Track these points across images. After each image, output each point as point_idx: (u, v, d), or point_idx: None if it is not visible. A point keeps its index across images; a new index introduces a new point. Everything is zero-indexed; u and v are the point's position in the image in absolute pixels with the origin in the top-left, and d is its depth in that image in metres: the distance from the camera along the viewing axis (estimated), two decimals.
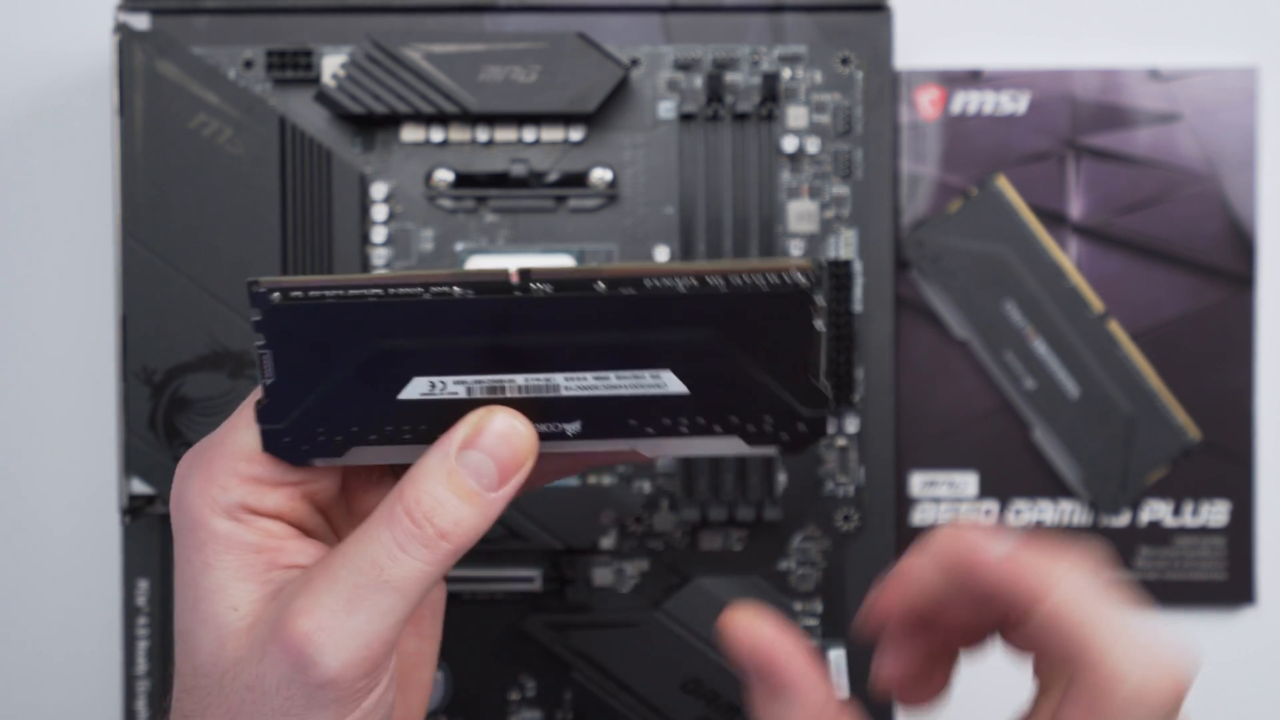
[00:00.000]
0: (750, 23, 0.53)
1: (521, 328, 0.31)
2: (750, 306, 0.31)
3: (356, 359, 0.31)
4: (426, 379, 0.32)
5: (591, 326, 0.31)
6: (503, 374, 0.32)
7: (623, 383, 0.32)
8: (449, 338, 0.31)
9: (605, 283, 0.30)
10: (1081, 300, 0.56)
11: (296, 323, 0.30)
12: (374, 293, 0.30)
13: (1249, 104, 0.56)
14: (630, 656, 0.52)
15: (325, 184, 0.51)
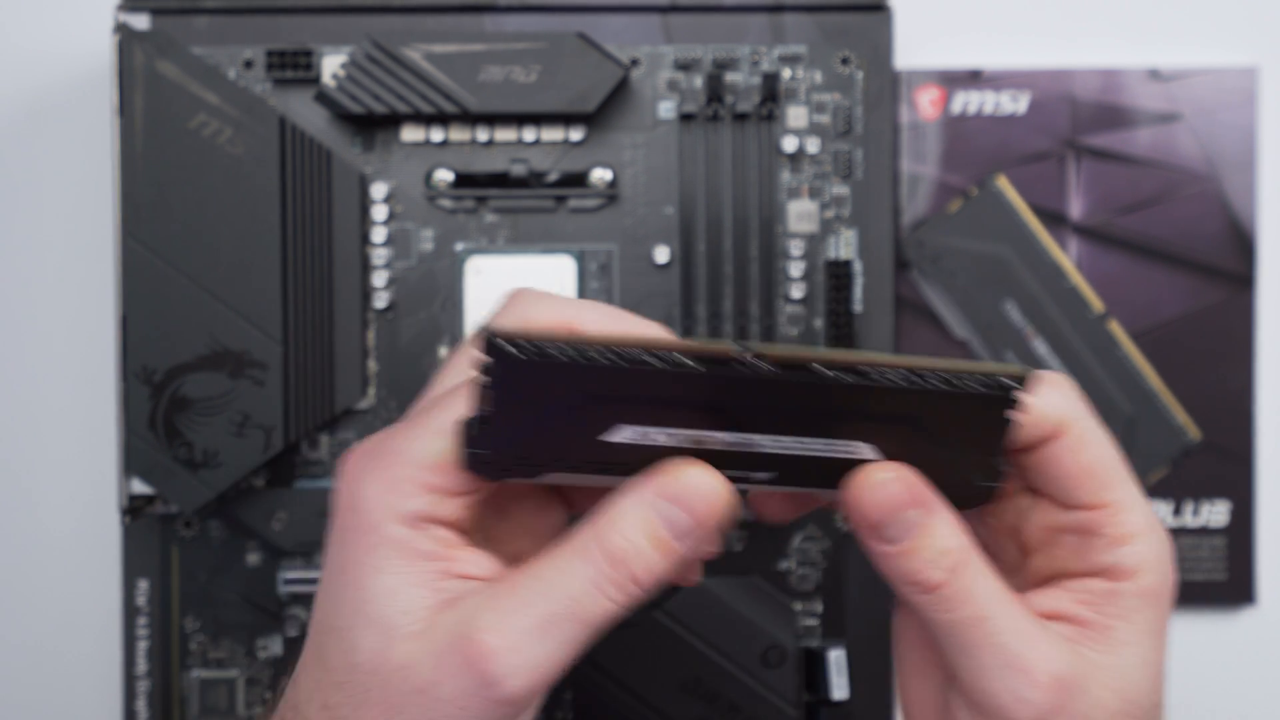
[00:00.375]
0: (750, 23, 0.53)
1: (737, 396, 0.33)
2: (959, 402, 0.33)
3: (573, 405, 0.33)
4: (634, 428, 0.34)
5: (803, 401, 0.33)
6: (708, 430, 0.34)
7: (819, 447, 0.34)
8: (667, 399, 0.33)
9: (828, 368, 0.33)
10: (1081, 300, 0.56)
11: (525, 372, 0.32)
12: (606, 357, 0.32)
13: (1249, 104, 0.56)
14: (630, 656, 0.52)
15: (325, 184, 0.51)
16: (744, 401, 0.33)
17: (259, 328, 0.50)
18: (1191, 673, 0.57)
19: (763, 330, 0.52)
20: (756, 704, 0.51)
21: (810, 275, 0.53)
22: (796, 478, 0.35)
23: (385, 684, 0.35)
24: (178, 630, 0.52)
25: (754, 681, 0.51)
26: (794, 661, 0.52)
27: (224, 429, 0.50)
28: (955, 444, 0.35)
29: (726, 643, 0.52)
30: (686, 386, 0.33)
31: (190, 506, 0.50)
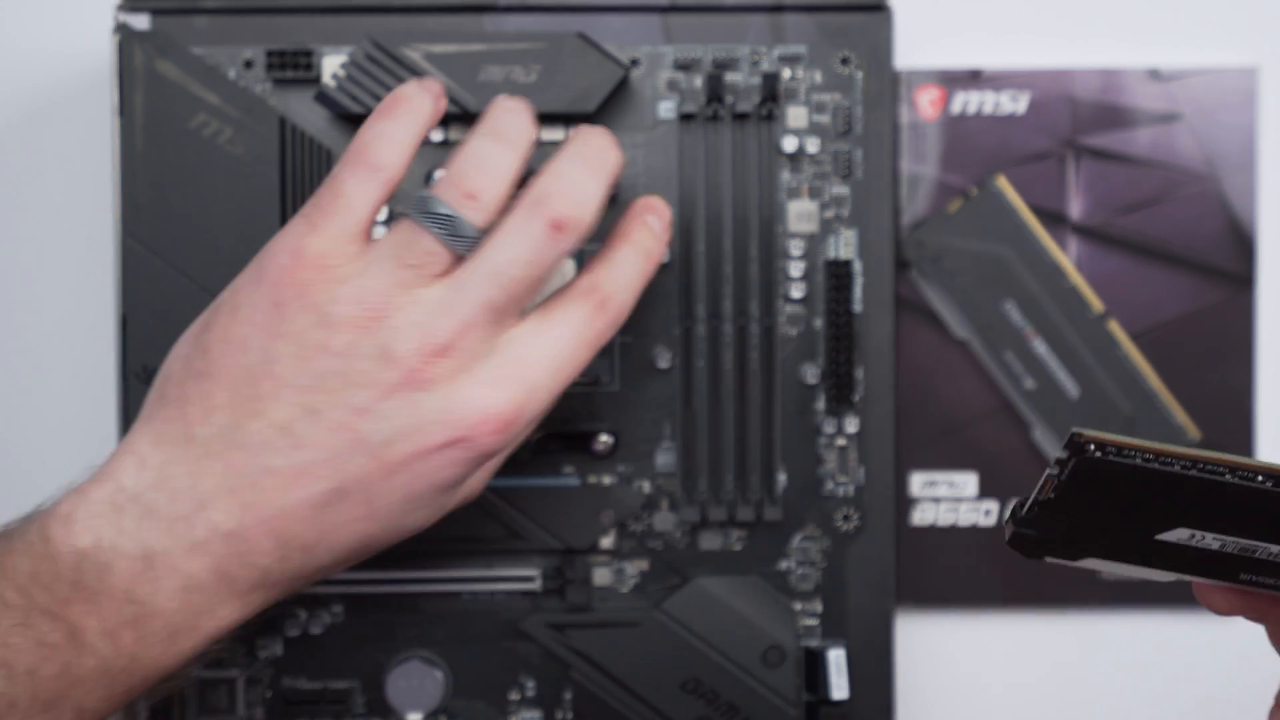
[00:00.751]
0: (750, 23, 0.53)
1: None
2: None
3: (1136, 504, 0.35)
4: (1190, 530, 0.35)
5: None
6: (1260, 540, 0.35)
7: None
8: (1229, 509, 0.35)
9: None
10: (1081, 300, 0.56)
11: (1100, 471, 0.34)
12: (1182, 467, 0.34)
13: (1249, 104, 0.56)
14: (630, 656, 0.52)
15: None
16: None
17: None
18: (1191, 673, 0.57)
19: (762, 330, 0.52)
20: (756, 704, 0.51)
21: (810, 275, 0.53)
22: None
23: None
24: None
25: (754, 681, 0.51)
26: (794, 661, 0.52)
27: None
28: None
29: (726, 643, 0.52)
30: (1256, 501, 0.34)
31: None
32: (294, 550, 0.42)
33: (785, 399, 0.52)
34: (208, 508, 0.41)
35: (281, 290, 0.42)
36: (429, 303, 0.42)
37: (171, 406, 0.42)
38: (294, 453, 0.41)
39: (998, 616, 0.58)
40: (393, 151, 0.43)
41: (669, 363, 0.52)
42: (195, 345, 0.43)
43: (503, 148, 0.44)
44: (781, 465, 0.52)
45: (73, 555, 0.40)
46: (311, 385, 0.42)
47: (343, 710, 0.52)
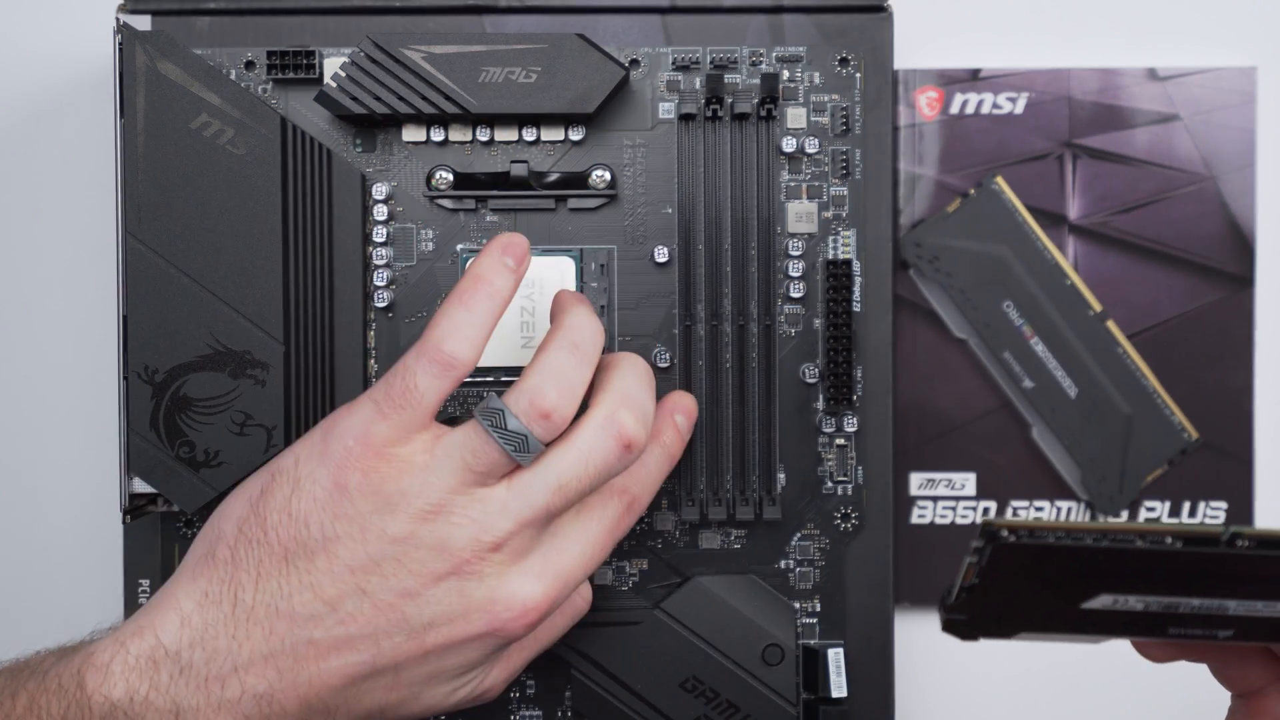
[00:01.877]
0: (750, 23, 0.53)
1: (1214, 569, 0.36)
2: None
3: (1057, 579, 0.37)
4: (1112, 596, 0.37)
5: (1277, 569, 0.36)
6: (1180, 596, 0.37)
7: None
8: (1147, 573, 0.37)
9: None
10: (1080, 300, 0.57)
11: (1017, 554, 0.36)
12: (1093, 540, 0.36)
13: (1247, 104, 0.57)
14: (630, 655, 0.52)
15: (326, 184, 0.51)
16: (1221, 570, 0.36)
17: (260, 327, 0.50)
18: (1191, 672, 0.57)
19: (762, 330, 0.52)
20: (755, 702, 0.51)
21: (809, 275, 0.53)
22: (1255, 633, 0.38)
23: None
24: None
25: (753, 680, 0.51)
26: (793, 660, 0.52)
27: (225, 428, 0.50)
28: None
29: (726, 641, 0.52)
30: (1171, 562, 0.36)
31: (192, 506, 0.50)
32: (315, 713, 0.44)
33: (784, 398, 0.53)
34: (243, 671, 0.43)
35: (346, 473, 0.44)
36: (489, 502, 0.44)
37: (221, 568, 0.44)
38: (338, 627, 0.43)
39: None
40: (467, 347, 0.44)
41: (669, 362, 0.52)
42: (251, 510, 0.45)
43: (578, 360, 0.45)
44: (780, 465, 0.53)
45: (105, 704, 0.42)
46: (365, 567, 0.43)
47: None
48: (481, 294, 0.45)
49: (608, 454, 0.44)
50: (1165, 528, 0.36)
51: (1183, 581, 0.37)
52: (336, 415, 0.45)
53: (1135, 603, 0.38)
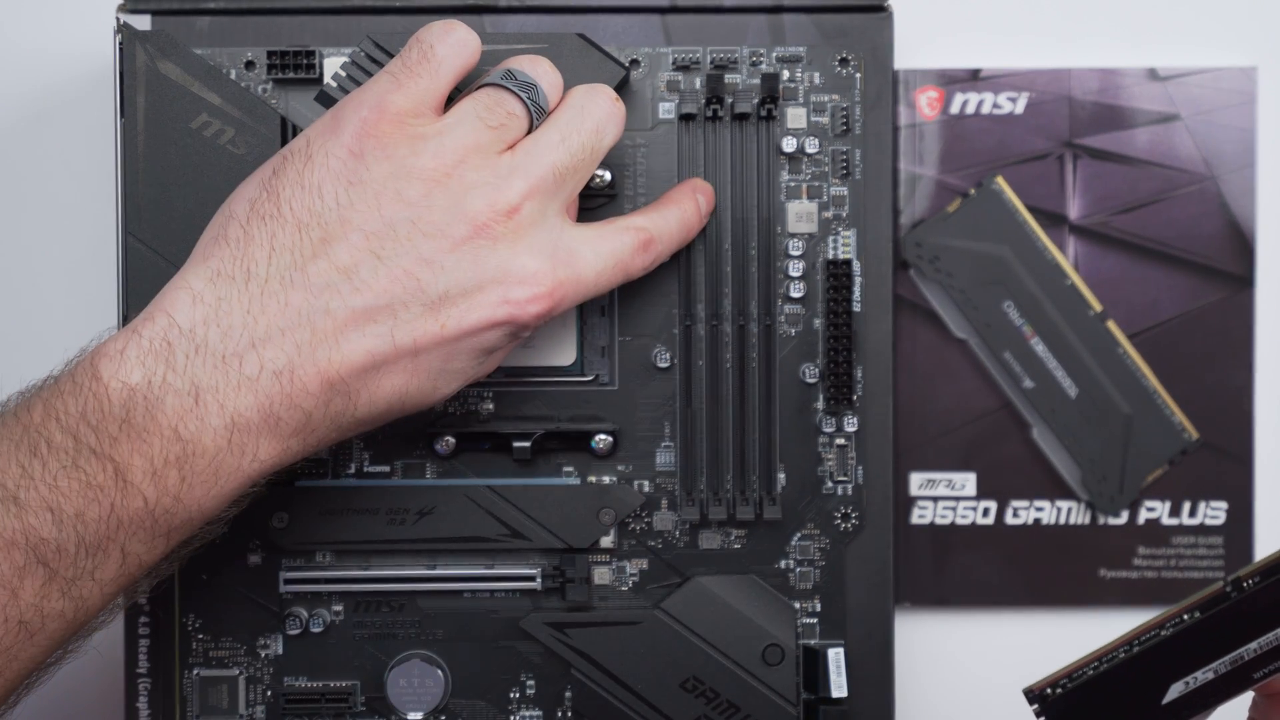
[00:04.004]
0: (750, 23, 0.53)
1: (1245, 613, 0.39)
2: None
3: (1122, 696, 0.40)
4: (1181, 682, 0.40)
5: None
6: (1236, 649, 0.39)
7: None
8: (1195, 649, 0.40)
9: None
10: (1080, 300, 0.57)
11: (1070, 702, 0.40)
12: (1125, 653, 0.40)
13: (1247, 104, 0.57)
14: (630, 655, 0.52)
15: None
16: (1253, 611, 0.39)
17: None
18: None
19: (762, 330, 0.52)
20: (756, 702, 0.51)
21: (809, 275, 0.53)
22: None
23: None
24: (179, 629, 0.52)
25: (753, 680, 0.51)
26: (793, 660, 0.52)
27: None
28: None
29: (726, 641, 0.52)
30: (1202, 632, 0.39)
31: None
32: (338, 396, 0.42)
33: (784, 398, 0.53)
34: (260, 345, 0.41)
35: (362, 141, 0.43)
36: (501, 163, 0.44)
37: (233, 245, 0.43)
38: (354, 295, 0.42)
39: (997, 615, 0.58)
40: (475, 37, 0.46)
41: (669, 362, 0.52)
42: (263, 189, 0.44)
43: (554, 73, 0.47)
44: (781, 464, 0.53)
45: (123, 392, 0.40)
46: (381, 232, 0.43)
47: (343, 709, 0.52)
48: None
49: (601, 105, 0.46)
50: (1178, 608, 0.39)
51: (1229, 637, 0.39)
52: (350, 95, 0.45)
53: (1206, 674, 0.40)
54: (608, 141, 0.47)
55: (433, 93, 0.45)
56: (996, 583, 0.57)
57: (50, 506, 0.39)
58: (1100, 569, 0.57)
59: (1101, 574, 0.57)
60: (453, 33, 0.45)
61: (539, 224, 0.44)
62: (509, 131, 0.45)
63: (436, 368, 0.44)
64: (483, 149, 0.44)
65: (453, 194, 0.43)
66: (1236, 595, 0.39)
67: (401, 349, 0.43)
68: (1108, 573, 0.57)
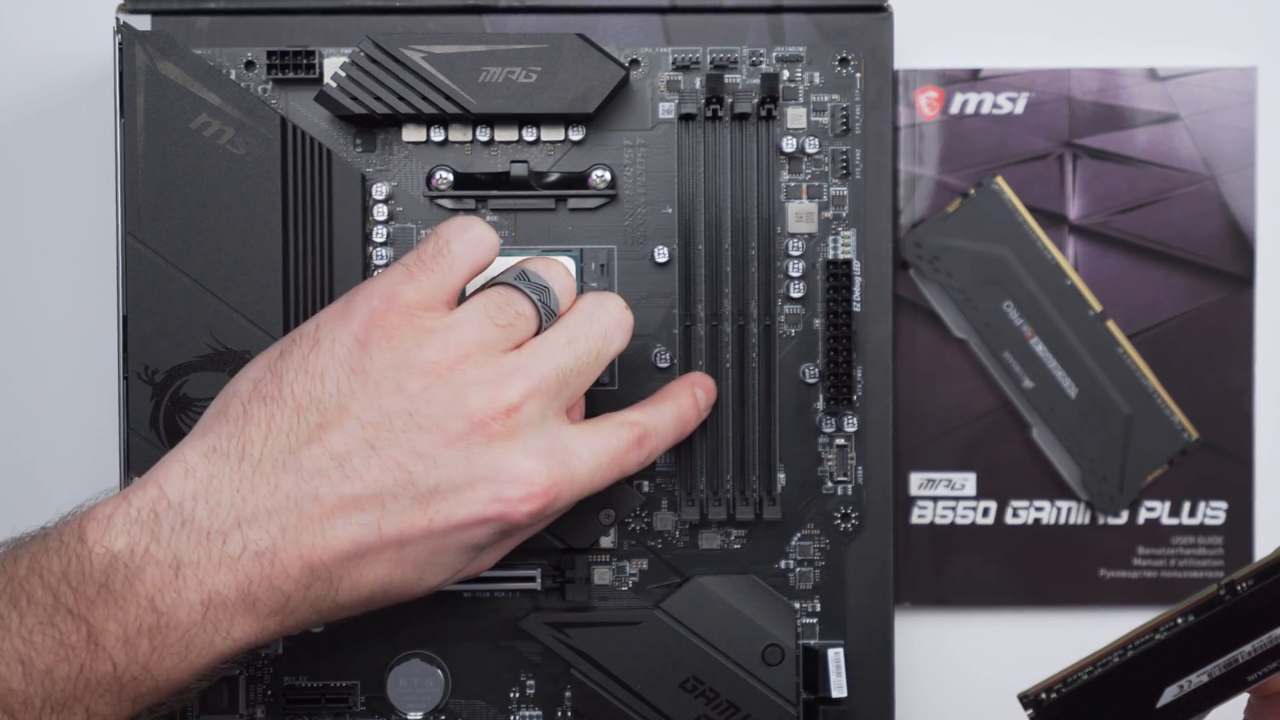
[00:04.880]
0: (750, 24, 0.53)
1: (1239, 616, 0.39)
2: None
3: (1116, 699, 0.41)
4: (1175, 685, 0.40)
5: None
6: (1230, 651, 0.40)
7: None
8: (1189, 653, 0.40)
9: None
10: (1080, 300, 0.57)
11: (1065, 706, 0.41)
12: (1120, 657, 0.40)
13: (1247, 104, 0.57)
14: (630, 655, 0.52)
15: (326, 184, 0.51)
16: (1247, 613, 0.39)
17: (260, 327, 0.50)
18: None
19: (762, 330, 0.52)
20: (756, 702, 0.51)
21: (809, 275, 0.53)
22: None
23: None
24: None
25: (753, 680, 0.51)
26: (793, 660, 0.52)
27: None
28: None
29: (726, 641, 0.52)
30: (1196, 636, 0.39)
31: None
32: (319, 581, 0.42)
33: (784, 398, 0.53)
34: (245, 525, 0.41)
35: (369, 330, 0.43)
36: (506, 363, 0.44)
37: (232, 423, 0.43)
38: (344, 483, 0.42)
39: (997, 615, 0.58)
40: (493, 236, 0.46)
41: (669, 362, 0.52)
42: (268, 370, 0.44)
43: (568, 278, 0.48)
44: (780, 464, 0.53)
45: (105, 557, 0.40)
46: (377, 421, 0.43)
47: (343, 709, 0.52)
48: None
49: (608, 314, 0.46)
50: (1172, 612, 0.39)
51: (1223, 640, 0.39)
52: (363, 283, 0.45)
53: (1200, 677, 0.40)
54: (614, 348, 0.47)
55: (445, 288, 0.45)
56: (996, 583, 0.57)
57: (22, 659, 0.40)
58: (1100, 569, 0.57)
59: (1101, 574, 0.57)
60: (470, 230, 0.45)
61: (537, 424, 0.44)
62: (516, 331, 0.45)
63: (423, 560, 0.43)
64: (488, 346, 0.44)
65: (452, 389, 0.43)
66: (1231, 599, 0.39)
67: (387, 539, 0.42)
68: (1107, 573, 0.57)
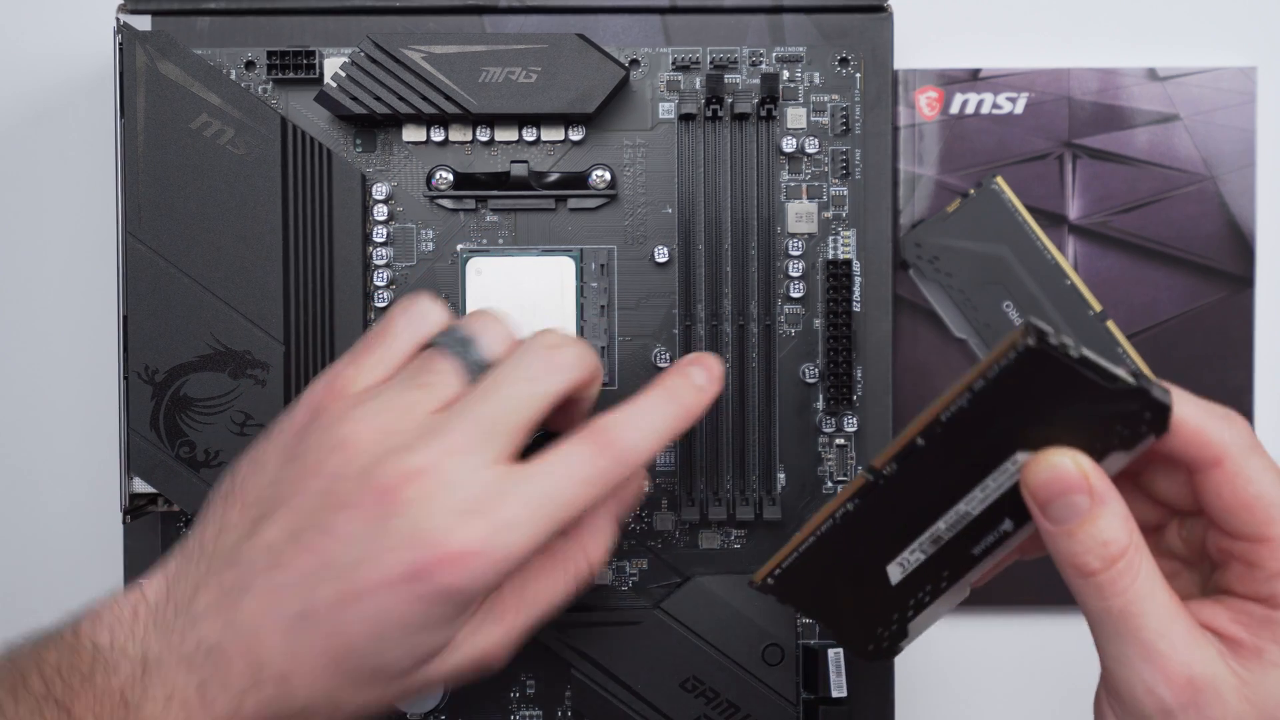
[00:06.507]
0: (750, 24, 0.53)
1: (911, 493, 0.40)
2: (1017, 384, 0.38)
3: (847, 577, 0.42)
4: (894, 561, 0.42)
5: (950, 458, 0.39)
6: (927, 526, 0.41)
7: (1002, 479, 0.39)
8: (882, 530, 0.41)
9: (923, 437, 0.39)
10: (1080, 300, 0.57)
11: (792, 577, 0.43)
12: (816, 535, 0.42)
13: (1247, 104, 0.57)
14: (630, 655, 0.52)
15: (326, 184, 0.51)
16: (914, 491, 0.40)
17: (260, 327, 0.50)
18: None
19: (762, 330, 0.52)
20: (756, 702, 0.51)
21: (809, 275, 0.53)
22: (1019, 512, 0.40)
23: None
24: None
25: (753, 680, 0.52)
26: (793, 660, 0.52)
27: (225, 428, 0.50)
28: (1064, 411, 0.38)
29: (726, 641, 0.52)
30: (876, 515, 0.41)
31: (192, 506, 0.50)
32: (267, 679, 0.41)
33: (784, 398, 0.53)
34: (199, 622, 0.42)
35: (306, 414, 0.43)
36: (427, 424, 0.42)
37: (201, 523, 0.43)
38: (272, 573, 0.41)
39: (997, 616, 0.58)
40: (437, 310, 0.45)
41: (669, 362, 0.52)
42: (231, 470, 0.44)
43: (500, 327, 0.45)
44: (780, 465, 0.53)
45: (90, 651, 0.41)
46: (301, 506, 0.42)
47: None
48: None
49: (534, 359, 0.43)
50: (839, 499, 0.41)
51: (910, 517, 0.41)
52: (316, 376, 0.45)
53: (916, 554, 0.41)
54: (548, 388, 0.43)
55: (385, 363, 0.44)
56: (997, 583, 0.57)
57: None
58: None
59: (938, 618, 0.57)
60: (414, 306, 0.45)
61: (461, 480, 0.41)
62: (439, 389, 0.43)
63: (367, 643, 0.41)
64: (411, 409, 0.42)
65: (365, 461, 0.41)
66: (885, 483, 0.40)
67: (317, 621, 0.41)
68: None
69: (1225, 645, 0.39)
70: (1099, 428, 0.38)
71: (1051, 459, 0.38)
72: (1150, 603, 0.38)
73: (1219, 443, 0.39)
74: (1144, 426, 0.38)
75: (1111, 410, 0.38)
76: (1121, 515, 0.38)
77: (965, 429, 0.39)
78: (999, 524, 0.40)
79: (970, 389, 0.38)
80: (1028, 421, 0.38)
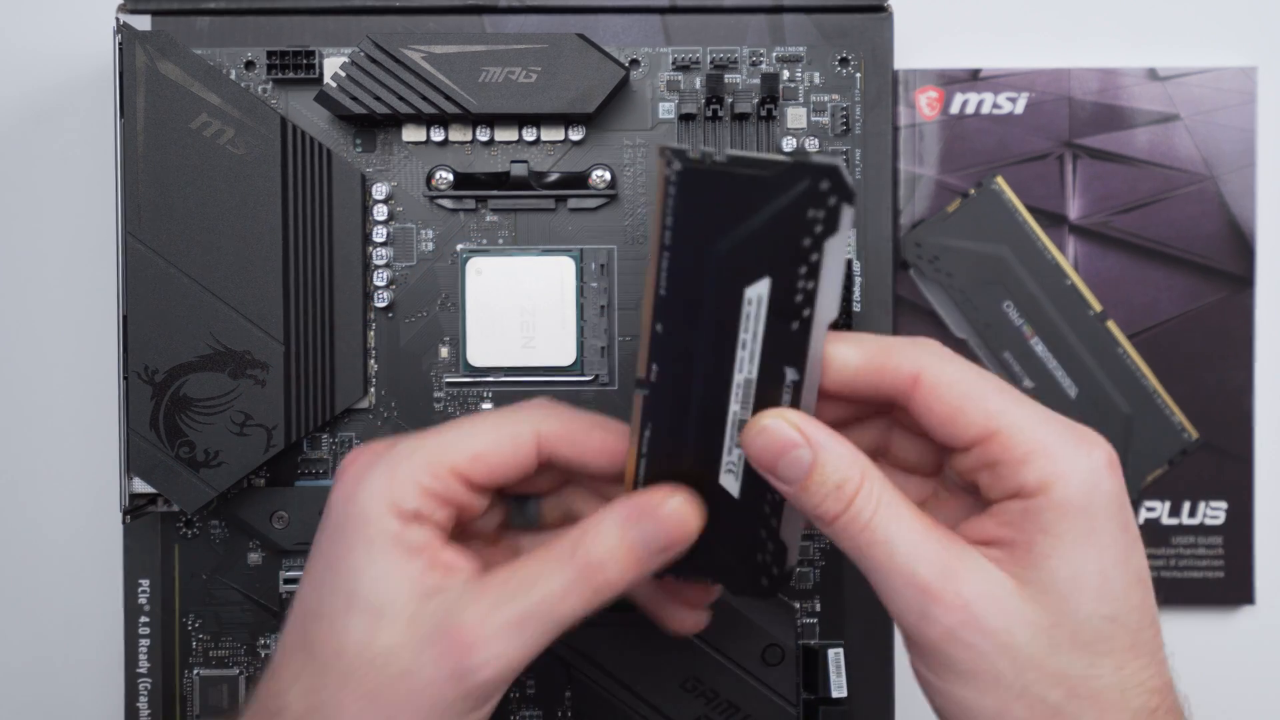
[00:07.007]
0: (750, 24, 0.53)
1: (681, 387, 0.39)
2: (698, 216, 0.37)
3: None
4: (724, 472, 0.39)
5: (694, 329, 0.38)
6: (727, 412, 0.38)
7: (752, 326, 0.37)
8: (688, 444, 0.39)
9: (659, 321, 0.38)
10: (1080, 300, 0.57)
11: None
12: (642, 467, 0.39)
13: (1247, 104, 0.57)
14: (630, 655, 0.52)
15: (326, 184, 0.51)
16: (697, 367, 0.38)
17: (260, 327, 0.50)
18: (1189, 671, 0.57)
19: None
20: (756, 702, 0.51)
21: None
22: (793, 355, 0.38)
23: (369, 667, 0.37)
24: (179, 629, 0.52)
25: (753, 680, 0.51)
26: (793, 660, 0.52)
27: (225, 428, 0.50)
28: None
29: (726, 641, 0.52)
30: (675, 425, 0.39)
31: (192, 506, 0.50)
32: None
33: None
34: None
35: None
36: None
37: None
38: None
39: None
40: None
41: None
42: None
43: None
44: None
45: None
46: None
47: None
48: None
49: None
50: (635, 429, 0.39)
51: (704, 414, 0.38)
52: None
53: (735, 451, 0.39)
54: None
55: None
56: None
57: None
58: None
59: None
60: None
61: None
62: None
63: None
64: None
65: None
66: (656, 390, 0.39)
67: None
68: None
69: (1002, 551, 0.37)
70: (796, 224, 0.36)
71: (761, 423, 0.37)
72: (897, 525, 0.37)
73: (910, 362, 0.37)
74: (832, 198, 0.36)
75: (793, 200, 0.36)
76: (846, 453, 0.37)
77: (685, 289, 0.37)
78: (783, 378, 0.38)
79: (662, 245, 0.37)
80: (733, 252, 0.37)
